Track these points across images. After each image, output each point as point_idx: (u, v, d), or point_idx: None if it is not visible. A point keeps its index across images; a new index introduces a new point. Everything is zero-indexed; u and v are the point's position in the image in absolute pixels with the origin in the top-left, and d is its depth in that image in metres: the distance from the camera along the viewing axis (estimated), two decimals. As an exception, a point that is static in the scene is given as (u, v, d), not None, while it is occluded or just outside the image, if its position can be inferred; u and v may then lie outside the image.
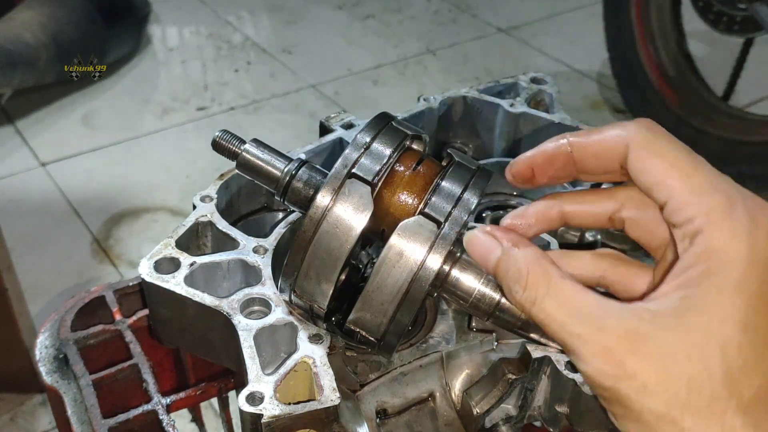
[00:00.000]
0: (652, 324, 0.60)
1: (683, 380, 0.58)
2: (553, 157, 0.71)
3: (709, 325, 0.59)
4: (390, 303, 0.74)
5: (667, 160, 0.65)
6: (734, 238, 0.60)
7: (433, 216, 0.74)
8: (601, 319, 0.62)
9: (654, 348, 0.59)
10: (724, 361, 0.58)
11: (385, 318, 0.75)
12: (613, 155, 0.67)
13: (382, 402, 0.89)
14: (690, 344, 0.59)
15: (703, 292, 0.60)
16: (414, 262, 0.73)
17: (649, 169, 0.65)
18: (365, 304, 0.75)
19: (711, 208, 0.62)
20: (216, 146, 0.85)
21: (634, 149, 0.66)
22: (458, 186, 0.76)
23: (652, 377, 0.59)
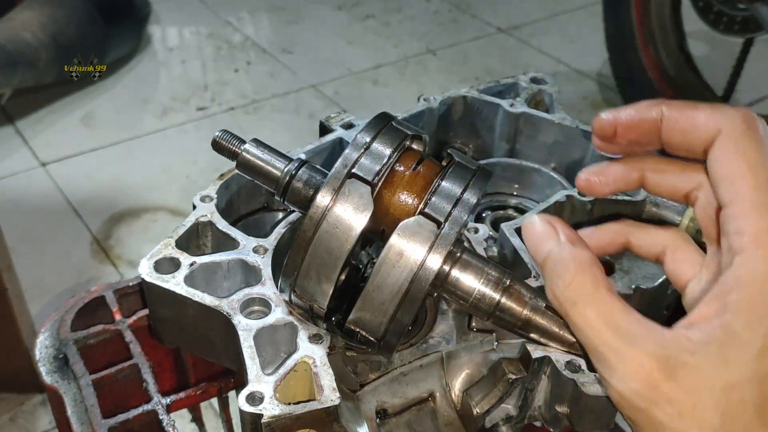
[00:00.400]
0: (693, 355, 0.60)
1: (719, 411, 0.58)
2: (641, 122, 0.67)
3: (748, 358, 0.58)
4: (390, 303, 0.74)
5: (749, 161, 0.61)
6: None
7: (433, 216, 0.74)
8: (643, 338, 0.62)
9: (693, 378, 0.59)
10: (761, 393, 0.58)
11: (385, 318, 0.75)
12: (700, 136, 0.63)
13: (382, 402, 0.89)
14: (729, 377, 0.58)
15: (742, 323, 0.59)
16: (414, 262, 0.73)
17: (725, 162, 0.62)
18: (365, 303, 0.75)
19: (764, 230, 0.59)
20: (216, 146, 0.85)
21: (723, 138, 0.62)
22: (458, 186, 0.76)
23: (687, 406, 0.59)
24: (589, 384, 0.81)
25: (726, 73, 3.12)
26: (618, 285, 1.02)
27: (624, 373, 0.61)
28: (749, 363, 0.58)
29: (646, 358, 0.61)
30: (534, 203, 1.17)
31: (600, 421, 0.84)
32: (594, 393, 0.81)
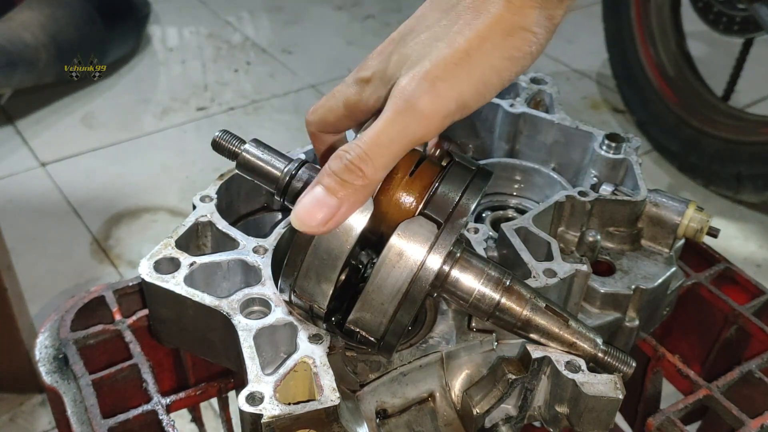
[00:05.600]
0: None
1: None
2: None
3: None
4: (390, 303, 0.74)
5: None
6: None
7: (433, 216, 0.74)
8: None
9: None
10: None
11: (384, 318, 0.75)
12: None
13: (382, 402, 0.89)
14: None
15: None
16: (414, 263, 0.73)
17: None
18: (365, 304, 0.75)
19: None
20: (216, 146, 0.86)
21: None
22: (458, 186, 0.76)
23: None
24: (589, 384, 0.81)
25: (726, 73, 3.12)
26: (618, 285, 1.02)
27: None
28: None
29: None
30: (534, 203, 1.17)
31: (600, 421, 0.84)
32: (594, 393, 0.81)
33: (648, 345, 1.14)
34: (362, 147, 0.70)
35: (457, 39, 0.69)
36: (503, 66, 0.70)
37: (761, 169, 2.74)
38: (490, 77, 0.70)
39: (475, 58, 0.69)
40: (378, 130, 0.70)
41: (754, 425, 0.98)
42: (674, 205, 1.08)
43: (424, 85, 0.69)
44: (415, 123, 0.69)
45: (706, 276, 1.19)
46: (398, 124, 0.70)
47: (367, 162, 0.70)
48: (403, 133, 0.70)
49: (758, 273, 2.63)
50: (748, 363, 1.07)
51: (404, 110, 0.69)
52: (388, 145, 0.70)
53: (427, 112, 0.69)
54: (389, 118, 0.70)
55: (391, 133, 0.70)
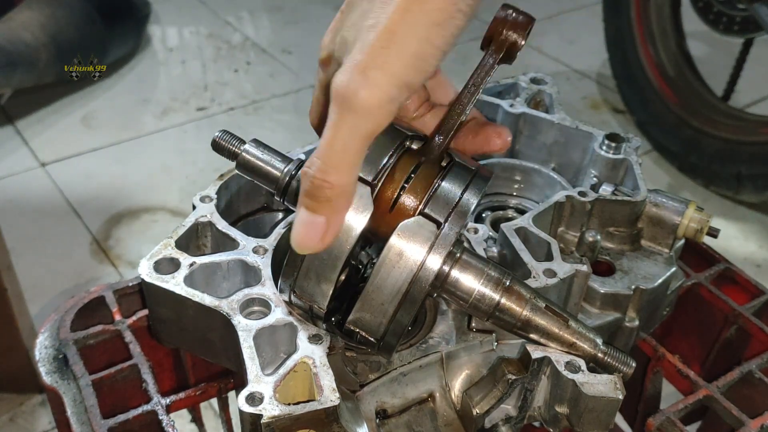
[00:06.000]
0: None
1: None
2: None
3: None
4: (390, 303, 0.74)
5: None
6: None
7: (433, 216, 0.74)
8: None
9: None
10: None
11: (384, 318, 0.75)
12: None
13: (381, 402, 0.89)
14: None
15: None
16: (414, 263, 0.73)
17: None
18: (365, 304, 0.75)
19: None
20: (216, 146, 0.86)
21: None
22: (458, 187, 0.76)
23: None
24: (589, 384, 0.81)
25: (726, 73, 3.12)
26: (618, 285, 1.02)
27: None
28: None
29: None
30: (534, 203, 1.17)
31: (600, 422, 0.84)
32: (594, 393, 0.81)
33: (648, 345, 1.14)
34: (320, 159, 0.70)
35: (380, 19, 0.67)
36: (433, 33, 0.67)
37: (761, 169, 2.74)
38: (423, 49, 0.67)
39: (400, 35, 0.66)
40: (329, 137, 0.69)
41: (754, 425, 0.98)
42: (674, 205, 1.08)
43: (358, 79, 0.67)
44: (362, 119, 0.68)
45: (706, 276, 1.19)
46: (345, 124, 0.68)
47: (330, 172, 0.69)
48: (353, 132, 0.69)
49: (758, 273, 2.63)
50: (748, 363, 1.07)
51: (347, 109, 0.68)
52: (343, 148, 0.69)
53: (369, 106, 0.67)
54: (335, 122, 0.69)
55: (342, 136, 0.69)
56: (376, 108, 0.67)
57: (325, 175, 0.69)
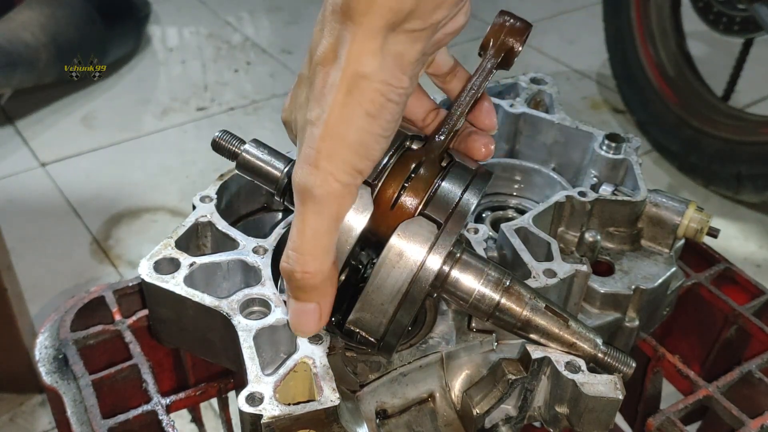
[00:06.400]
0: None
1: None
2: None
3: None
4: (390, 303, 0.74)
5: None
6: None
7: (433, 217, 0.74)
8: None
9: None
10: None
11: (384, 318, 0.75)
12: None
13: (381, 402, 0.89)
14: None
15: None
16: (414, 263, 0.73)
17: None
18: (365, 304, 0.75)
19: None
20: (216, 146, 0.86)
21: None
22: (458, 187, 0.76)
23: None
24: (589, 384, 0.81)
25: (726, 74, 3.12)
26: (618, 285, 1.02)
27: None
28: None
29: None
30: (534, 203, 1.17)
31: (600, 422, 0.84)
32: (594, 393, 0.81)
33: (648, 345, 1.14)
34: (294, 251, 0.73)
35: (320, 112, 0.70)
36: (369, 123, 0.70)
37: (761, 169, 2.74)
38: (363, 138, 0.70)
39: (340, 128, 0.69)
40: (299, 228, 0.72)
41: (754, 425, 0.98)
42: (674, 205, 1.08)
43: (312, 171, 0.70)
44: (324, 207, 0.71)
45: (706, 276, 1.19)
46: (311, 214, 0.71)
47: (305, 262, 0.73)
48: (319, 220, 0.72)
49: (758, 273, 2.63)
50: (748, 363, 1.07)
51: (308, 201, 0.71)
52: (314, 236, 0.72)
53: (326, 194, 0.70)
54: (301, 213, 0.72)
55: (310, 225, 0.72)
56: (334, 195, 0.71)
57: (303, 266, 0.73)
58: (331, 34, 0.69)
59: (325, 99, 0.69)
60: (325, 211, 0.71)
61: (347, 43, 0.68)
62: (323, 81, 0.70)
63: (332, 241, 0.73)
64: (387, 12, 0.66)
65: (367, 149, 0.71)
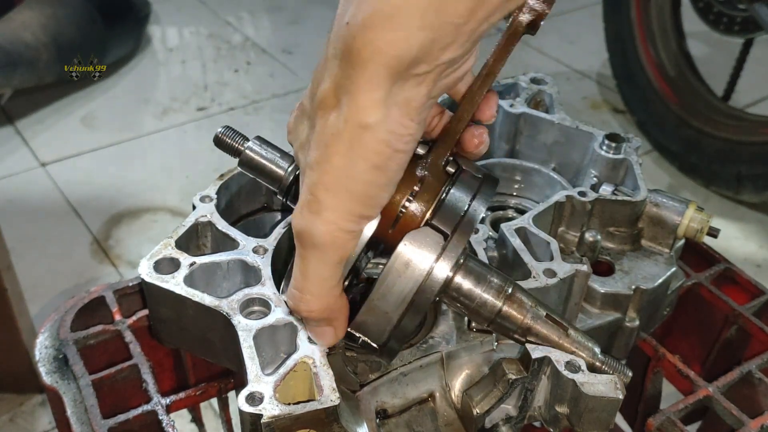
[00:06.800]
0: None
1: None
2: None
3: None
4: (395, 312, 0.74)
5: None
6: None
7: (440, 228, 0.74)
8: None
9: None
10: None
11: (389, 326, 0.75)
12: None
13: (382, 402, 0.89)
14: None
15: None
16: (420, 273, 0.73)
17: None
18: (369, 311, 0.75)
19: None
20: (218, 142, 0.85)
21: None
22: (466, 196, 0.75)
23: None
24: (589, 384, 0.81)
25: (726, 74, 3.12)
26: (618, 285, 1.02)
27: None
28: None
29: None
30: (534, 203, 1.17)
31: (600, 422, 0.84)
32: (594, 393, 0.81)
33: (648, 345, 1.14)
34: (297, 290, 0.73)
35: (321, 158, 0.66)
36: (375, 175, 0.67)
37: (762, 169, 2.74)
38: (368, 190, 0.68)
39: (344, 179, 0.66)
40: (301, 271, 0.72)
41: (754, 425, 0.98)
42: (674, 205, 1.08)
43: (312, 219, 0.68)
44: (326, 252, 0.70)
45: (707, 276, 1.19)
46: (313, 259, 0.70)
47: (309, 301, 0.73)
48: (322, 263, 0.71)
49: (758, 273, 2.63)
50: (748, 363, 1.07)
51: (309, 246, 0.70)
52: (317, 279, 0.72)
53: (328, 241, 0.69)
54: (303, 257, 0.71)
55: (312, 269, 0.71)
56: (336, 241, 0.69)
57: (308, 305, 0.73)
58: (332, 79, 0.65)
59: (326, 147, 0.66)
60: (329, 257, 0.70)
61: (349, 91, 0.63)
62: (324, 126, 0.66)
63: (337, 280, 0.72)
64: (391, 59, 0.61)
65: (374, 199, 0.69)
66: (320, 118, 0.67)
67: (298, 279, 0.72)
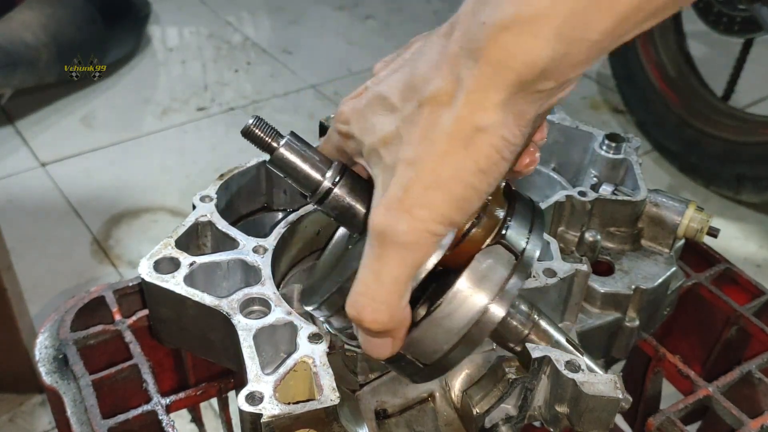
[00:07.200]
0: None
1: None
2: None
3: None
4: (446, 342, 0.71)
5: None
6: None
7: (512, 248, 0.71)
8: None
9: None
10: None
11: (437, 354, 0.72)
12: None
13: (382, 402, 0.89)
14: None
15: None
16: (479, 309, 0.70)
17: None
18: (431, 327, 0.71)
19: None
20: (248, 134, 0.77)
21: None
22: (524, 228, 0.73)
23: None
24: (589, 384, 0.81)
25: (726, 74, 3.12)
26: (618, 285, 1.02)
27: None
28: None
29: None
30: (534, 203, 1.17)
31: (600, 421, 0.84)
32: (594, 393, 0.81)
33: (648, 345, 1.14)
34: (364, 296, 0.68)
35: (420, 155, 0.64)
36: (478, 179, 0.64)
37: (762, 170, 2.74)
38: (467, 193, 0.65)
39: (445, 179, 0.64)
40: (375, 275, 0.67)
41: (754, 425, 0.98)
42: (674, 205, 1.08)
43: (403, 219, 0.65)
44: (408, 252, 0.66)
45: (707, 276, 1.19)
46: (392, 262, 0.66)
47: (378, 310, 0.68)
48: (401, 269, 0.67)
49: (758, 273, 2.63)
50: (748, 363, 1.07)
51: (390, 245, 0.66)
52: (393, 284, 0.67)
53: (414, 240, 0.65)
54: (379, 259, 0.67)
55: (390, 274, 0.67)
56: (421, 242, 0.66)
57: (375, 314, 0.68)
58: (452, 75, 0.63)
59: (432, 145, 0.64)
60: (410, 259, 0.66)
61: (471, 90, 0.62)
62: (431, 123, 0.64)
63: (409, 288, 0.68)
64: (523, 67, 0.59)
65: (469, 204, 0.66)
66: (428, 113, 0.64)
67: (368, 284, 0.68)
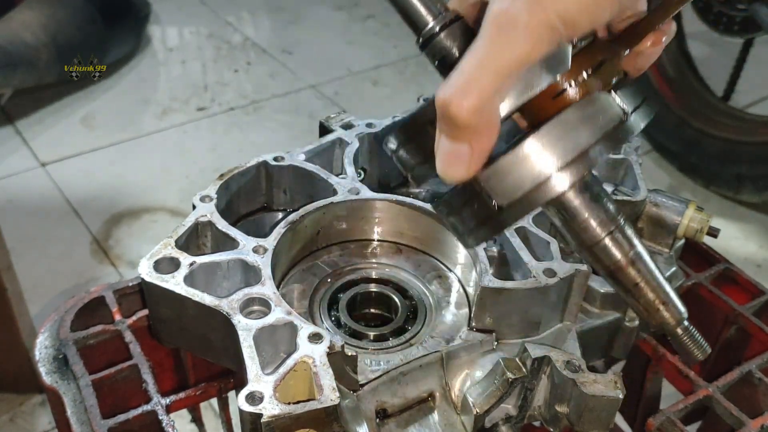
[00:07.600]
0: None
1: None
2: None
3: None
4: (533, 180, 0.67)
5: None
6: None
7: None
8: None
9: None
10: None
11: (512, 197, 0.68)
12: None
13: (382, 402, 0.89)
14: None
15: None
16: (543, 174, 0.66)
17: None
18: (517, 162, 0.68)
19: None
20: None
21: None
22: (630, 102, 0.70)
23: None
24: (589, 383, 0.81)
25: (726, 74, 3.12)
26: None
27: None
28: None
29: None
30: (534, 203, 1.17)
31: (600, 421, 0.84)
32: (594, 393, 0.81)
33: (648, 345, 1.14)
34: (460, 78, 0.62)
35: None
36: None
37: (762, 170, 2.74)
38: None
39: None
40: (478, 58, 0.62)
41: (754, 425, 0.98)
42: (674, 205, 1.08)
43: (528, 3, 0.61)
44: (522, 41, 0.61)
45: (706, 276, 1.19)
46: (501, 44, 0.61)
47: (470, 93, 0.61)
48: (508, 53, 0.61)
49: (758, 273, 2.63)
50: (748, 363, 1.07)
51: (504, 31, 0.61)
52: (495, 68, 0.61)
53: (529, 24, 0.60)
54: (488, 41, 0.61)
55: (494, 57, 0.61)
56: (539, 33, 0.61)
57: (465, 98, 0.62)
58: None
59: None
60: (520, 45, 0.61)
61: None
62: None
63: (508, 83, 0.63)
64: None
65: (598, 9, 0.62)
66: None
67: (468, 70, 0.62)
